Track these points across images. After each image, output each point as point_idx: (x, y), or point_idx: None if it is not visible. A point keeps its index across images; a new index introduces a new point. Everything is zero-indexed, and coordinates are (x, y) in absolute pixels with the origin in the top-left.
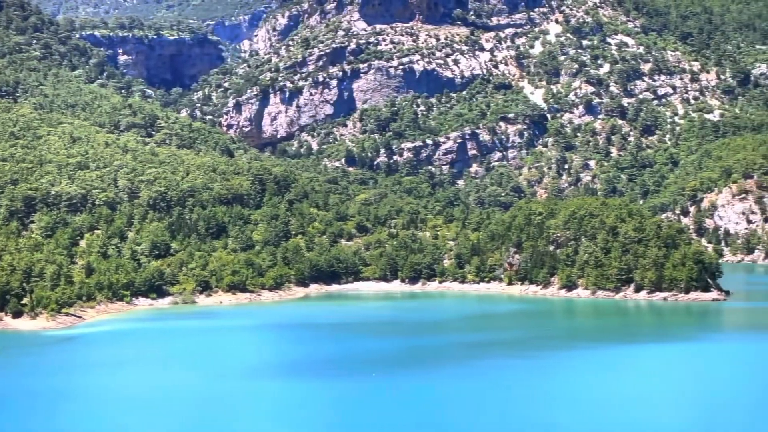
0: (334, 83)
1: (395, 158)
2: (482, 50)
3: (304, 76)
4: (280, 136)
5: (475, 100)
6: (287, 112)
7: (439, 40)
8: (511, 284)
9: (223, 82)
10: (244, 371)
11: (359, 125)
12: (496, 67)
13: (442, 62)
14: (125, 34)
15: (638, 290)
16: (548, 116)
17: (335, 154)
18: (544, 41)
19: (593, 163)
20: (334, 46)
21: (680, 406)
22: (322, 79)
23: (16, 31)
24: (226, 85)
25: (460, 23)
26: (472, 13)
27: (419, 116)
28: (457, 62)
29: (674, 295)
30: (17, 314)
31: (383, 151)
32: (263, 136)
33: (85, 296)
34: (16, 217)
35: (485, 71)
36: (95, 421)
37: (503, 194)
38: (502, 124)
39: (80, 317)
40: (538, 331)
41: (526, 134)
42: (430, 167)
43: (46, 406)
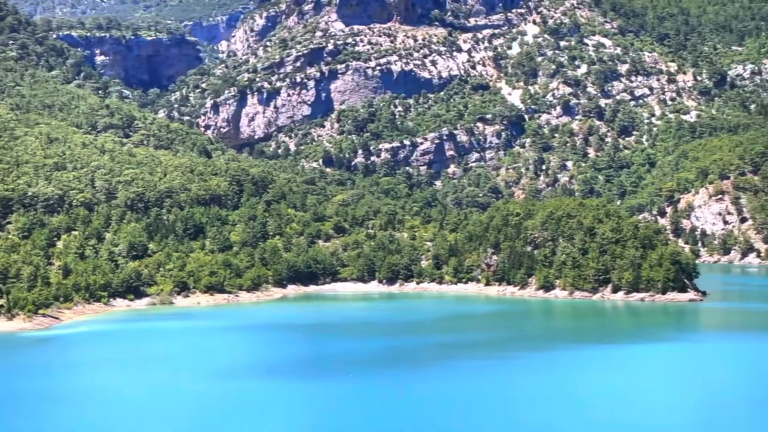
0: (311, 84)
1: (373, 159)
2: (460, 51)
3: (281, 76)
4: (257, 136)
5: (452, 100)
6: (265, 112)
7: (416, 40)
8: (488, 285)
9: (200, 82)
10: (221, 372)
11: (337, 126)
12: (473, 67)
13: (419, 63)
14: (102, 34)
15: (615, 291)
16: (526, 117)
17: (313, 154)
18: (521, 42)
19: (571, 163)
20: (311, 46)
21: (657, 405)
22: (299, 79)
23: None
24: (203, 85)
25: (437, 24)
26: (449, 14)
27: (397, 117)
28: (434, 63)
29: (651, 295)
30: None
31: (361, 151)
32: (241, 136)
33: (62, 297)
34: None
35: (463, 72)
36: (72, 421)
37: (481, 195)
38: (479, 124)
39: (57, 318)
40: (515, 331)
41: (503, 135)
42: (407, 168)
43: (23, 407)
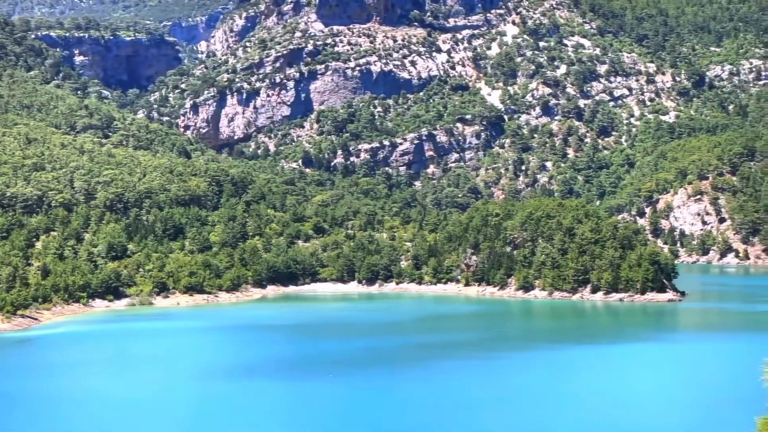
0: (291, 84)
1: (352, 159)
2: (439, 51)
3: (261, 77)
4: (237, 137)
5: (432, 101)
6: (244, 113)
7: (396, 41)
8: (468, 285)
9: (180, 83)
10: (200, 373)
11: (316, 126)
12: (453, 68)
13: (399, 63)
14: (81, 34)
15: (595, 291)
16: (505, 117)
17: (292, 155)
18: (501, 42)
19: (550, 164)
20: (291, 47)
21: (636, 405)
22: (279, 80)
23: None
24: (183, 86)
25: (417, 24)
26: (429, 14)
27: (376, 117)
28: (414, 63)
29: (630, 295)
30: None
31: (340, 152)
32: (220, 137)
33: (41, 298)
34: None
35: (442, 72)
36: (51, 422)
37: (460, 195)
38: (459, 125)
39: (36, 319)
40: (495, 332)
41: (483, 135)
42: (387, 168)
43: (0, 408)
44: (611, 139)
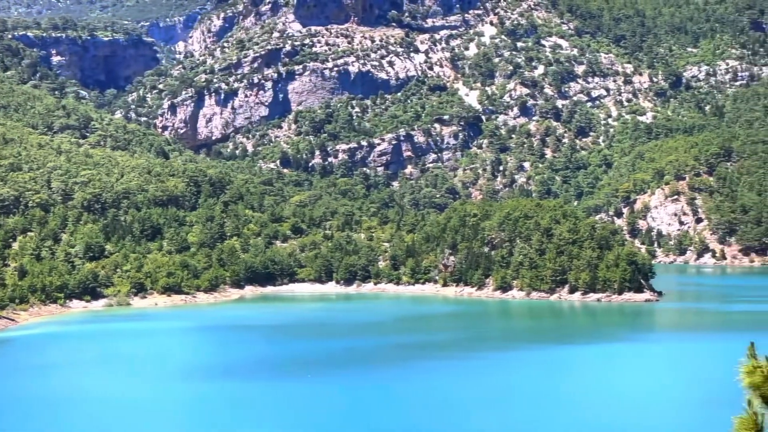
0: (269, 85)
1: (330, 160)
2: (417, 52)
3: (239, 77)
4: (215, 137)
5: (410, 101)
6: (222, 113)
7: (374, 41)
8: (446, 286)
9: (157, 83)
10: (178, 373)
11: (294, 127)
12: (431, 68)
13: (377, 64)
14: (58, 34)
15: (572, 291)
16: (483, 118)
17: (270, 155)
18: (478, 43)
19: (528, 164)
20: (269, 47)
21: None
22: (257, 80)
23: None
24: (160, 86)
25: (395, 25)
26: (407, 14)
27: (354, 118)
28: (392, 64)
29: (608, 296)
30: None
31: (318, 152)
32: (198, 137)
33: (17, 299)
34: None
35: (420, 73)
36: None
37: (438, 196)
38: (436, 125)
39: (13, 320)
40: (472, 332)
41: (460, 136)
42: (364, 169)
43: None
44: (589, 139)
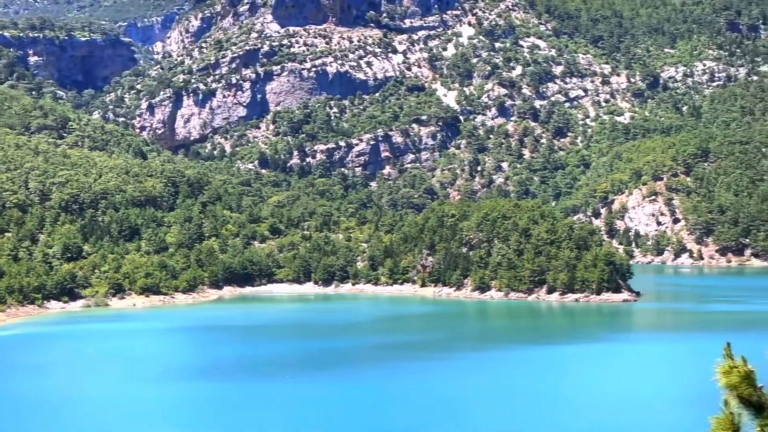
0: (247, 85)
1: (308, 160)
2: (395, 52)
3: (217, 78)
4: (193, 138)
5: (388, 102)
6: (200, 114)
7: (352, 42)
8: (424, 286)
9: (135, 83)
10: (156, 374)
11: (272, 127)
12: (409, 69)
13: (355, 64)
14: (36, 34)
15: (551, 291)
16: (461, 118)
17: (248, 156)
18: (456, 43)
19: (506, 165)
20: (247, 48)
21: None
22: (235, 81)
23: None
24: (138, 86)
25: (373, 25)
26: (385, 15)
27: (332, 118)
28: (370, 64)
29: (586, 296)
30: None
31: (296, 153)
32: (176, 138)
33: None
34: None
35: (398, 73)
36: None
37: (416, 196)
38: (414, 126)
39: None
40: (451, 332)
41: (438, 136)
42: (342, 169)
43: None
44: (567, 140)
